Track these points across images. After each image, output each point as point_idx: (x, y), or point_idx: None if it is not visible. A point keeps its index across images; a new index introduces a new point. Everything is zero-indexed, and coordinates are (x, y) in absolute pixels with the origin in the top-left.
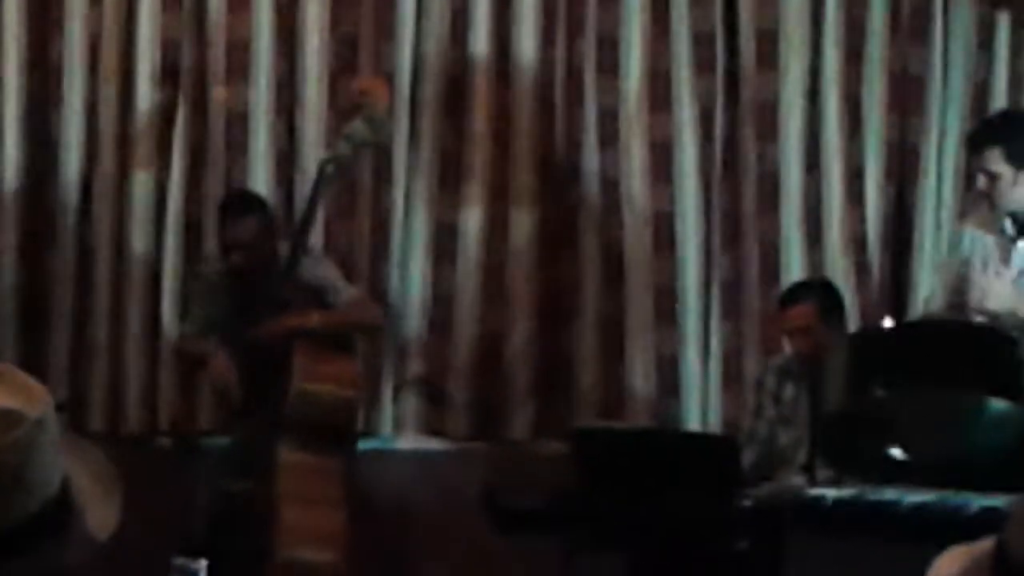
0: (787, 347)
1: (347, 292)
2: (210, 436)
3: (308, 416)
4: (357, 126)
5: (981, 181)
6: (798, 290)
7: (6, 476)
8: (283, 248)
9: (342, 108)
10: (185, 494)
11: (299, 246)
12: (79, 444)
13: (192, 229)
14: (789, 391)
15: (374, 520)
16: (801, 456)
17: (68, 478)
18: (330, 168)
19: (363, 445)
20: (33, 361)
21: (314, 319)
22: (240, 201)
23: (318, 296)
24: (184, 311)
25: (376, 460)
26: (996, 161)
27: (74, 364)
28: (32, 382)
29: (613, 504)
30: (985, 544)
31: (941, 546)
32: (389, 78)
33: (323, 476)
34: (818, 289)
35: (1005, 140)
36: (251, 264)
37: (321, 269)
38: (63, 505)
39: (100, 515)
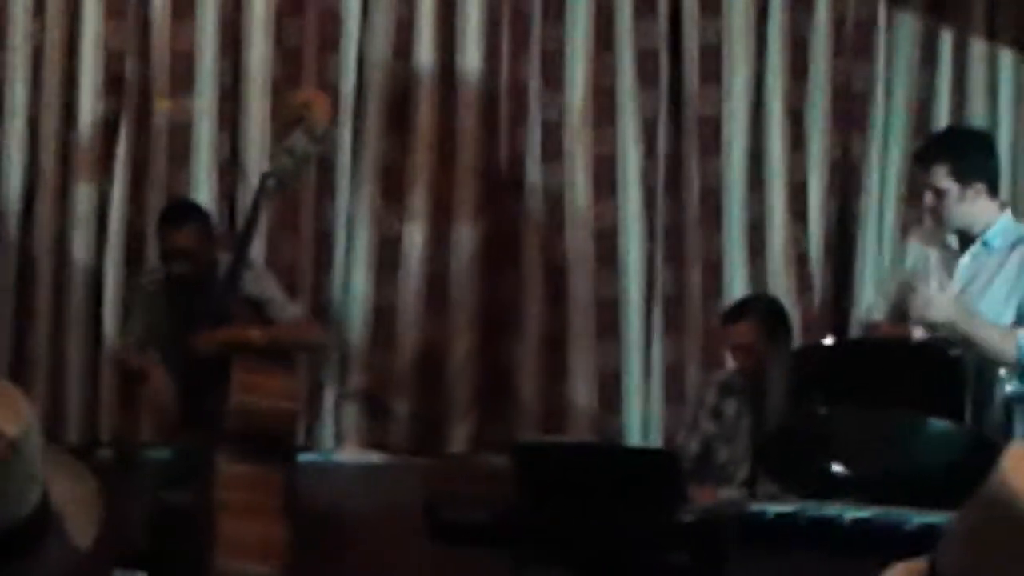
0: (730, 363)
1: (290, 310)
2: (149, 447)
3: (246, 428)
4: (298, 139)
5: (928, 197)
6: (742, 306)
7: None
8: (225, 260)
9: (284, 121)
10: (125, 506)
11: (240, 259)
12: (58, 455)
13: (134, 240)
14: (731, 407)
15: (316, 533)
16: (742, 472)
17: (47, 491)
18: (271, 181)
19: (304, 458)
20: None
21: (256, 335)
22: (180, 209)
23: (259, 310)
24: (123, 322)
25: (317, 473)
26: (942, 178)
27: (15, 374)
28: (16, 397)
29: (555, 518)
30: (922, 563)
31: (882, 562)
32: (333, 90)
33: (262, 488)
34: (762, 305)
35: (951, 157)
36: (191, 272)
37: (262, 283)
38: (42, 518)
39: (80, 526)
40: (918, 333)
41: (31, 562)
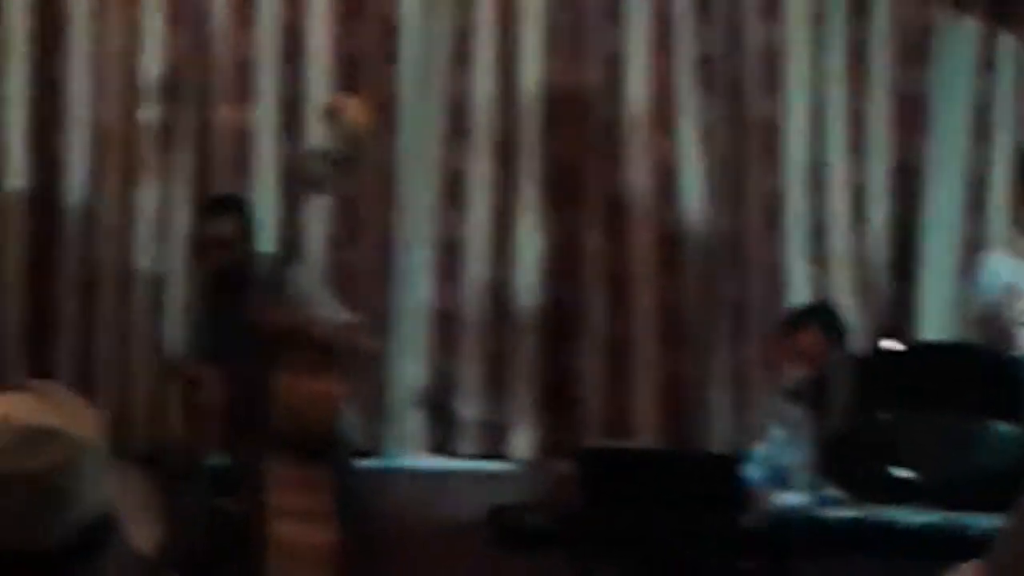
0: (792, 370)
1: (340, 313)
2: (208, 454)
3: (294, 432)
4: (330, 143)
5: None
6: (804, 315)
7: (47, 496)
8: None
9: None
10: (183, 514)
11: (281, 262)
12: (121, 462)
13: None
14: (794, 414)
15: (379, 539)
16: (806, 478)
17: (110, 499)
18: (306, 186)
19: (369, 464)
20: (39, 376)
21: (317, 328)
22: (219, 201)
23: (308, 312)
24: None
25: (382, 479)
26: None
27: (80, 380)
28: (78, 401)
29: (619, 524)
30: (981, 564)
31: (945, 566)
32: (392, 97)
33: (311, 491)
34: (823, 313)
35: None
36: (229, 261)
37: (310, 284)
38: (104, 526)
39: (144, 533)
40: None
41: (94, 568)
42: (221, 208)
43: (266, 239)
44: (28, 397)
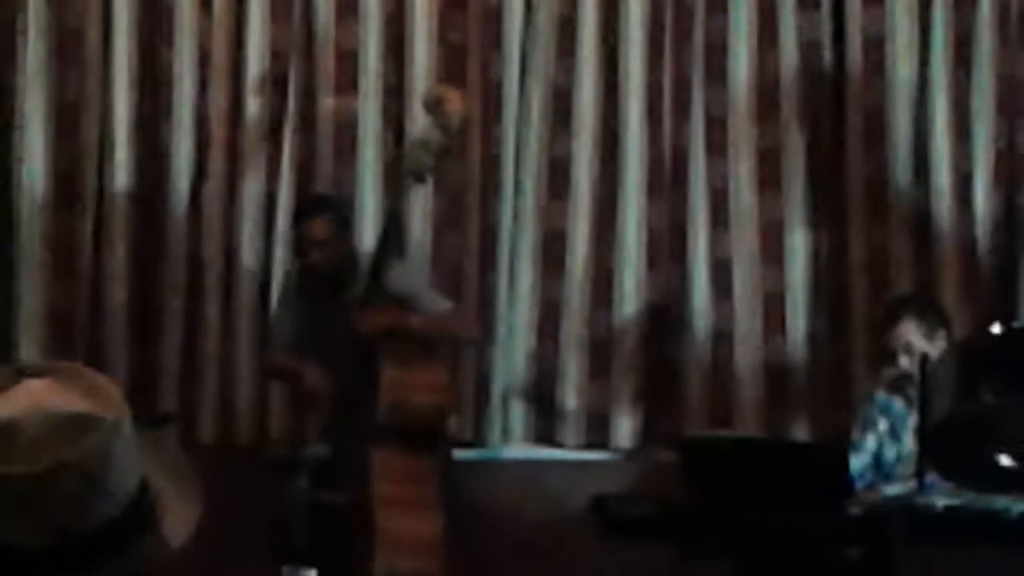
0: (900, 362)
1: (440, 304)
2: (309, 445)
3: (399, 423)
4: (431, 133)
5: None
6: (901, 306)
7: (82, 481)
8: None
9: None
10: (288, 505)
11: (382, 254)
12: (157, 440)
13: None
14: (898, 405)
15: (482, 529)
16: (911, 469)
17: (147, 479)
18: (408, 177)
19: (471, 454)
20: (144, 372)
21: (415, 320)
22: (314, 202)
23: (406, 306)
24: (273, 324)
25: (484, 469)
26: None
27: (185, 375)
28: (105, 383)
29: (722, 513)
30: None
31: None
32: (497, 87)
33: (416, 482)
34: (920, 303)
35: None
36: (328, 263)
37: (410, 279)
38: (142, 508)
39: (180, 514)
40: None
41: (132, 552)
42: (316, 209)
43: (370, 230)
44: (55, 381)
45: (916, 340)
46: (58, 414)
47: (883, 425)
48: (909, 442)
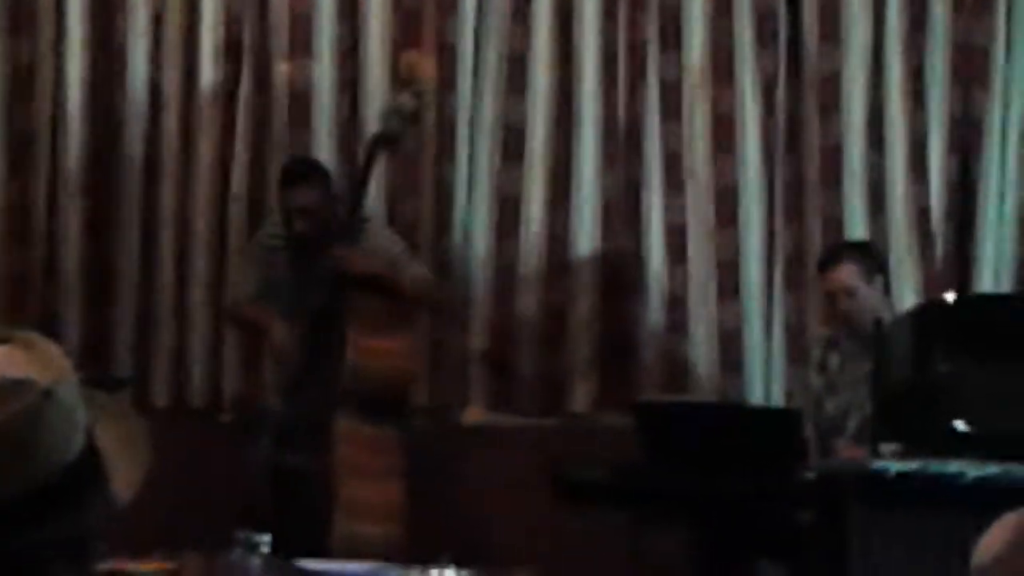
0: (839, 303)
1: (414, 267)
2: (269, 409)
3: (364, 389)
4: (405, 98)
5: None
6: (838, 251)
7: (9, 446)
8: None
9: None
10: (247, 468)
11: (353, 220)
12: (107, 405)
13: (255, 205)
14: (834, 360)
15: (438, 494)
16: (851, 423)
17: (92, 444)
18: (379, 142)
19: (428, 419)
20: (98, 336)
21: (404, 279)
22: (301, 166)
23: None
24: (238, 275)
25: (441, 434)
26: None
27: (139, 339)
28: (52, 349)
29: (677, 477)
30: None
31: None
32: (451, 51)
33: (381, 448)
34: (855, 248)
35: None
36: (314, 230)
37: (385, 240)
38: (83, 471)
39: (124, 476)
40: None
41: (78, 510)
42: (303, 176)
43: None
44: (3, 349)
45: (855, 282)
46: None
47: (820, 382)
48: (848, 394)
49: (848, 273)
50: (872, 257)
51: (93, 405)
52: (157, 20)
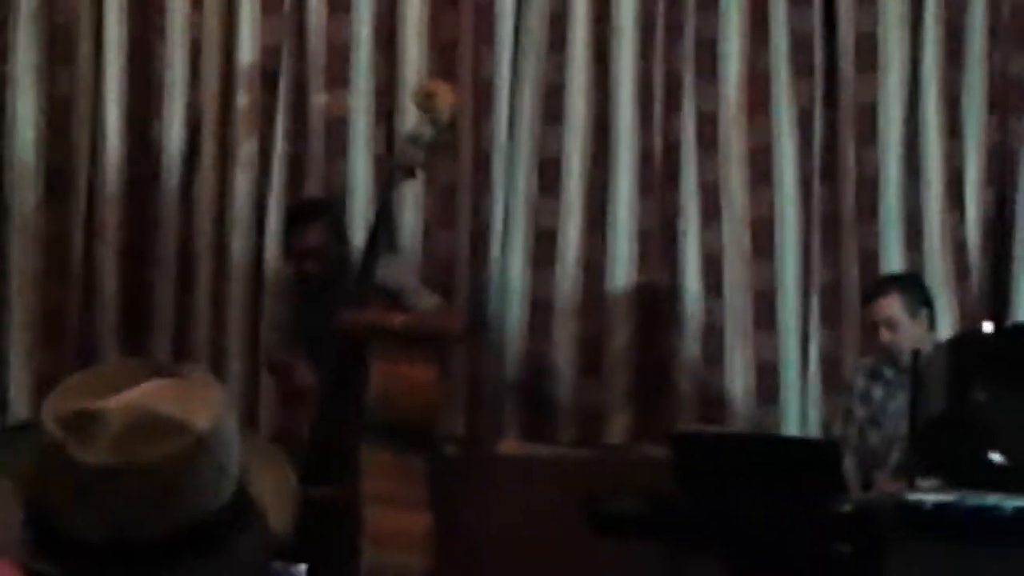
0: (881, 336)
1: (426, 299)
2: (299, 442)
3: (388, 419)
4: (423, 128)
5: None
6: (882, 283)
7: (158, 488)
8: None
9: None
10: None
11: (371, 250)
12: (259, 444)
13: None
14: (878, 392)
15: (472, 525)
16: (893, 456)
17: (245, 483)
18: (399, 172)
19: (464, 449)
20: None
21: (397, 320)
22: (306, 209)
23: (394, 300)
24: (269, 315)
25: (476, 465)
26: None
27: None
28: (211, 387)
29: (713, 509)
30: None
31: None
32: (488, 84)
33: (406, 478)
34: (901, 281)
35: None
36: (323, 270)
37: (397, 273)
38: (236, 512)
39: (274, 521)
40: None
41: (226, 555)
42: (307, 217)
43: (361, 226)
44: (176, 384)
45: (898, 315)
46: (150, 414)
47: (863, 413)
48: (891, 427)
49: (891, 306)
50: (918, 290)
51: (248, 450)
52: (195, 50)
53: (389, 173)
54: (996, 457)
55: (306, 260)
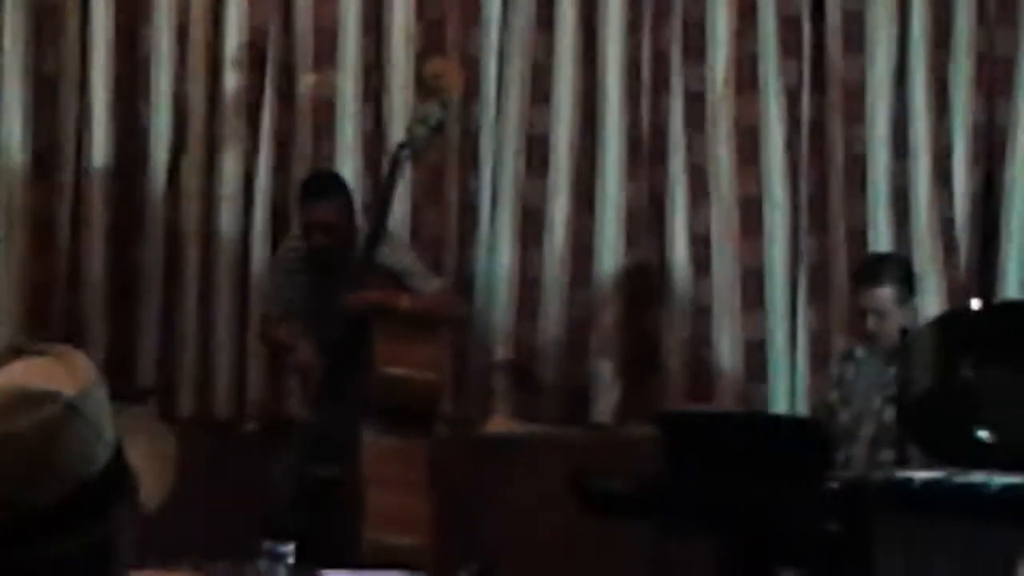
0: (868, 322)
1: (432, 282)
2: (295, 421)
3: (391, 400)
4: (431, 109)
5: None
6: (876, 270)
7: (29, 457)
8: (364, 232)
9: (418, 91)
10: (273, 479)
11: (376, 231)
12: (130, 414)
13: (280, 215)
14: (850, 371)
15: (462, 504)
16: (864, 430)
17: (118, 455)
18: (405, 152)
19: (451, 429)
20: (122, 346)
21: (404, 301)
22: (322, 181)
23: (397, 281)
24: (267, 294)
25: (465, 444)
26: None
27: (163, 350)
28: (81, 362)
29: (701, 487)
30: None
31: None
32: (475, 62)
33: (407, 460)
34: (895, 270)
35: None
36: (333, 244)
37: (400, 255)
38: (112, 479)
39: (150, 488)
40: None
41: (103, 521)
42: (324, 190)
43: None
44: (35, 361)
45: (889, 306)
46: (17, 389)
47: (836, 395)
48: (861, 402)
49: (883, 297)
50: (909, 279)
51: (120, 418)
52: (182, 31)
53: (396, 153)
54: (983, 434)
55: (315, 233)
